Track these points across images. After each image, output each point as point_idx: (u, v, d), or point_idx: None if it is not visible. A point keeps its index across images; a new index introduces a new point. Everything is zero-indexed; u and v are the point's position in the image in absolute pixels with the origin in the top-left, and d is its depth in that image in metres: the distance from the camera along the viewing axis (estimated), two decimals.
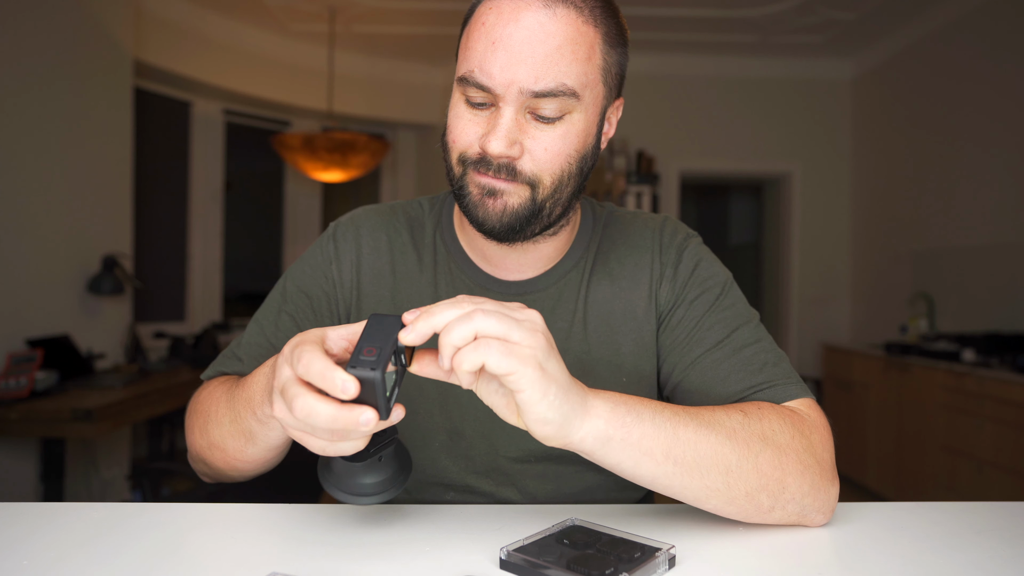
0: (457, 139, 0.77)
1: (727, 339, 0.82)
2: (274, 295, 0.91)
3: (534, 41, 0.72)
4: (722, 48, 4.99)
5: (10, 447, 2.81)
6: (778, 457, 0.70)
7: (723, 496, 0.69)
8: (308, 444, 0.60)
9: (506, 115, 0.73)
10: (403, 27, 4.64)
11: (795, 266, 5.27)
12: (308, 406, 0.56)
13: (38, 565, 0.62)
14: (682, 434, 0.67)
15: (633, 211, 0.95)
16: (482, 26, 0.74)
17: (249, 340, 0.89)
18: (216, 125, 4.90)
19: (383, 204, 0.95)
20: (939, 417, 3.45)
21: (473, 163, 0.76)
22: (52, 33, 3.05)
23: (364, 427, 0.55)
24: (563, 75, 0.73)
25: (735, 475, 0.68)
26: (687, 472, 0.67)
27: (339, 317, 0.89)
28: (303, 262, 0.92)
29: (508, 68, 0.72)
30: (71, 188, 3.20)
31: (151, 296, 4.28)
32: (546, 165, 0.75)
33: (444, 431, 0.85)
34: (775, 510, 0.71)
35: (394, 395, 0.58)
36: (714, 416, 0.70)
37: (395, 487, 0.65)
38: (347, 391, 0.54)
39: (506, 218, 0.77)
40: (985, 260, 3.86)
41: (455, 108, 0.78)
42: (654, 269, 0.88)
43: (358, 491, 0.64)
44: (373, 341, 0.57)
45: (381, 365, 0.55)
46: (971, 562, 0.65)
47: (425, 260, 0.89)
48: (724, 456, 0.68)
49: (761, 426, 0.72)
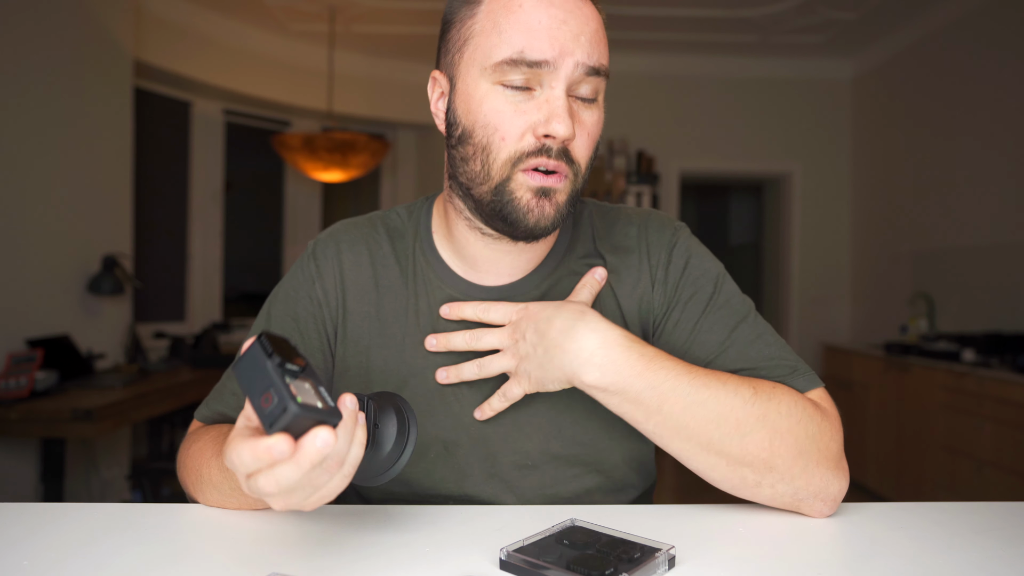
0: (507, 134, 0.73)
1: (728, 339, 0.81)
2: (260, 321, 0.89)
3: (579, 20, 0.73)
4: (722, 48, 4.99)
5: (10, 447, 2.81)
6: (770, 439, 0.72)
7: (703, 462, 0.74)
8: (324, 497, 0.57)
9: (560, 94, 0.72)
10: (403, 27, 4.64)
11: (795, 266, 5.27)
12: (273, 483, 0.53)
13: (38, 565, 0.62)
14: (667, 409, 0.72)
15: (615, 206, 0.92)
16: (519, 8, 0.72)
17: None
18: (216, 125, 4.90)
19: (360, 217, 0.93)
20: (939, 417, 3.45)
21: (530, 155, 0.73)
22: (52, 33, 3.05)
23: (326, 447, 0.52)
24: (603, 56, 0.75)
25: (716, 448, 0.72)
26: (668, 434, 0.73)
27: (327, 336, 0.86)
28: (286, 285, 0.89)
29: (560, 41, 0.71)
30: (71, 188, 3.20)
31: (151, 296, 4.28)
32: (584, 150, 0.76)
33: (439, 443, 0.83)
34: (763, 487, 0.73)
35: (323, 393, 0.56)
36: (718, 391, 0.73)
37: (406, 445, 0.65)
38: (283, 450, 0.52)
39: (559, 216, 0.76)
40: (985, 260, 3.86)
41: (490, 102, 0.73)
42: (642, 271, 0.86)
43: (375, 473, 0.64)
44: (258, 387, 0.53)
45: (288, 397, 0.51)
46: (971, 562, 0.64)
47: (407, 272, 0.87)
48: (707, 432, 0.72)
49: (766, 407, 0.73)
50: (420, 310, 0.85)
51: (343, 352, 0.86)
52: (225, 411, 0.86)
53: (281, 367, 0.53)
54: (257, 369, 0.53)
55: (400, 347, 0.85)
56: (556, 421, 0.83)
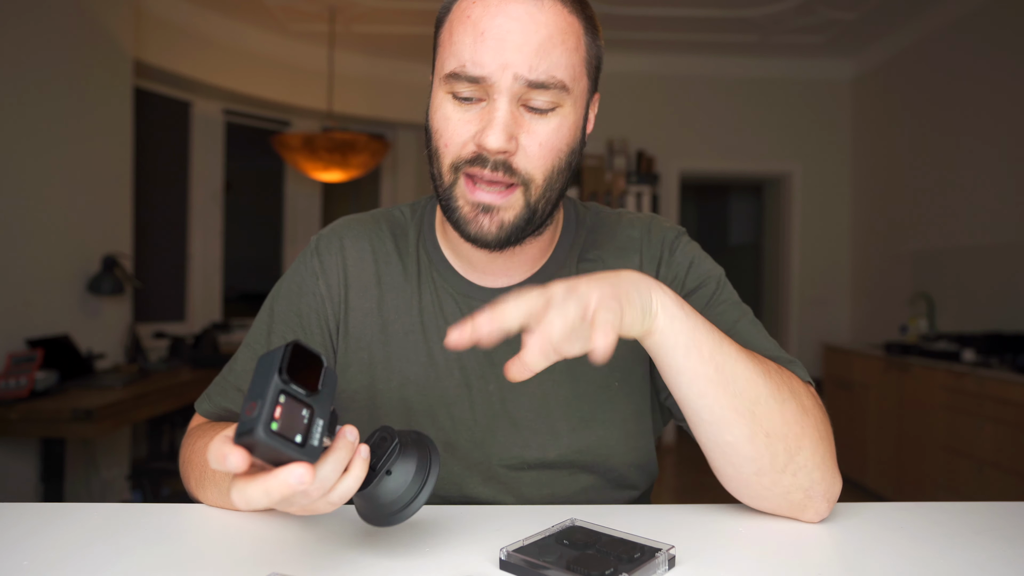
0: (450, 141, 0.74)
1: (731, 332, 0.81)
2: (262, 316, 0.89)
3: (526, 31, 0.71)
4: (722, 48, 4.99)
5: (10, 447, 2.81)
6: (802, 414, 0.71)
7: (746, 428, 0.69)
8: (308, 511, 0.56)
9: (501, 107, 0.71)
10: (403, 27, 4.64)
11: (795, 266, 5.27)
12: (241, 500, 0.51)
13: (38, 566, 0.62)
14: (726, 348, 0.69)
15: (617, 211, 0.93)
16: (467, 19, 0.72)
17: (243, 367, 0.87)
18: (216, 125, 4.90)
19: (364, 213, 0.93)
20: (939, 417, 3.45)
21: (467, 164, 0.73)
22: (52, 33, 3.05)
23: (300, 485, 0.50)
24: (554, 67, 0.72)
25: (763, 408, 0.69)
26: (723, 384, 0.68)
27: (329, 332, 0.87)
28: (288, 280, 0.89)
29: (501, 55, 0.70)
30: (71, 188, 3.20)
31: (151, 296, 4.28)
32: (539, 161, 0.74)
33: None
34: (787, 473, 0.70)
35: (317, 426, 0.52)
36: (754, 357, 0.72)
37: (422, 490, 0.60)
38: (237, 465, 0.49)
39: (503, 233, 0.75)
40: (985, 260, 3.86)
41: (441, 109, 0.75)
42: (645, 269, 0.87)
43: (388, 513, 0.60)
44: (255, 392, 0.51)
45: (262, 421, 0.49)
46: (971, 562, 0.64)
47: (409, 269, 0.87)
48: (757, 386, 0.69)
49: (791, 383, 0.73)
50: (423, 308, 0.85)
51: (345, 348, 0.86)
52: (230, 407, 0.87)
53: (284, 385, 0.51)
54: (264, 374, 0.51)
55: (402, 344, 0.85)
56: (554, 428, 0.83)
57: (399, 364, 0.84)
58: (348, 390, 0.86)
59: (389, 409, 0.84)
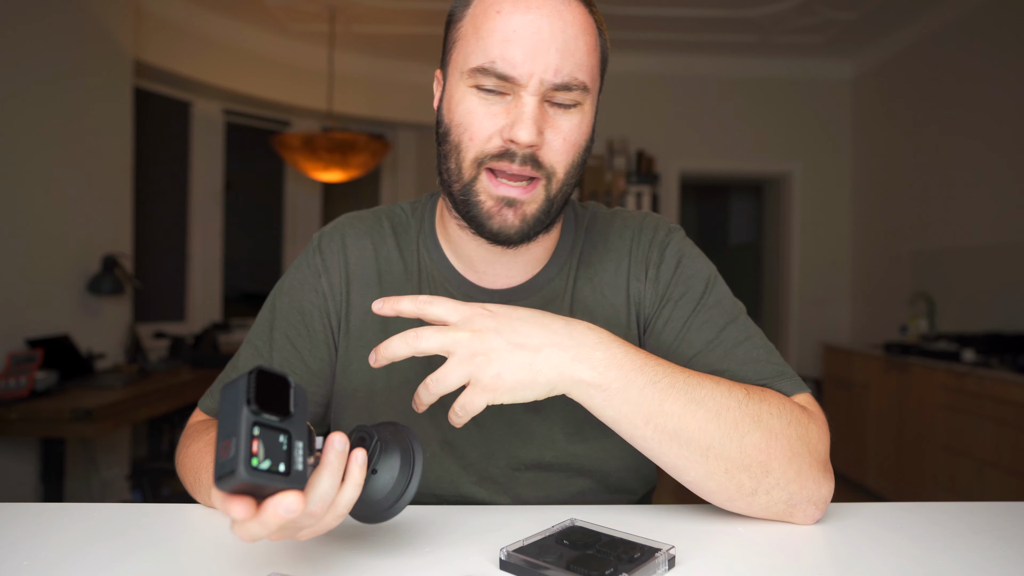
0: (475, 135, 0.74)
1: (716, 339, 0.81)
2: (264, 314, 0.89)
3: (554, 29, 0.72)
4: (722, 48, 4.99)
5: (10, 447, 2.81)
6: (766, 440, 0.70)
7: (701, 469, 0.70)
8: (316, 532, 0.56)
9: (530, 103, 0.72)
10: (403, 27, 4.64)
11: (795, 266, 5.26)
12: (245, 535, 0.51)
13: (38, 565, 0.62)
14: (668, 407, 0.68)
15: (613, 210, 0.93)
16: (497, 14, 0.72)
17: (246, 364, 0.87)
18: (216, 125, 4.90)
19: (365, 211, 0.93)
20: (939, 417, 3.45)
21: (492, 159, 0.74)
22: (52, 33, 3.05)
23: (291, 514, 0.49)
24: (577, 68, 0.73)
25: (717, 450, 0.69)
26: (666, 440, 0.69)
27: (331, 330, 0.87)
28: (291, 277, 0.89)
29: (531, 58, 0.71)
30: (71, 188, 3.20)
31: (151, 296, 4.28)
32: (562, 156, 0.75)
33: (435, 442, 0.83)
34: (759, 494, 0.71)
35: (298, 450, 0.51)
36: (714, 391, 0.70)
37: (410, 481, 0.60)
38: (241, 514, 0.49)
39: (525, 227, 0.76)
40: (985, 260, 3.86)
41: (464, 103, 0.75)
42: (634, 271, 0.87)
43: (381, 510, 0.60)
44: (227, 430, 0.48)
45: (242, 461, 0.46)
46: (971, 562, 0.64)
47: (410, 267, 0.87)
48: (708, 432, 0.69)
49: (759, 408, 0.71)
50: None
51: (346, 346, 0.86)
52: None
53: (256, 415, 0.48)
54: (233, 408, 0.49)
55: None
56: (551, 432, 0.83)
57: (399, 363, 0.84)
58: (348, 388, 0.86)
59: (388, 408, 0.84)
